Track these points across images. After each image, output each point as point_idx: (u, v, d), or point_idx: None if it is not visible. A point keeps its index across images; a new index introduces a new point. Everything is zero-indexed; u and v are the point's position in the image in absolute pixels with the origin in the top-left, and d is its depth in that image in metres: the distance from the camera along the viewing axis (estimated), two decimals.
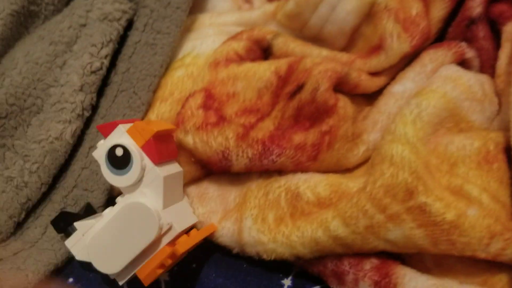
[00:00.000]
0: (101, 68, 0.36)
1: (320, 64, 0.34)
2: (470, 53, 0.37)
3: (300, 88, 0.34)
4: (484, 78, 0.35)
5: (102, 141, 0.31)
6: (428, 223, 0.27)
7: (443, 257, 0.29)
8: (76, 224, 0.31)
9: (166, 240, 0.30)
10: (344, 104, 0.34)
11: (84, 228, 0.31)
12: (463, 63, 0.37)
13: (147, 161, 0.30)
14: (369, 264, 0.29)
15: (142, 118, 0.36)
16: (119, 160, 0.30)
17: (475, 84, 0.34)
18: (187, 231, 0.32)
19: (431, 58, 0.37)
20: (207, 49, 0.38)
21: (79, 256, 0.31)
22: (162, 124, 0.32)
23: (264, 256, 0.31)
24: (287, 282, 0.32)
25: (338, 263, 0.29)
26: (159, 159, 0.30)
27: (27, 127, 0.36)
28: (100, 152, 0.31)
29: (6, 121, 0.35)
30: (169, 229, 0.30)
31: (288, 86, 0.35)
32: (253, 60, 0.37)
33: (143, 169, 0.30)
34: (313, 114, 0.33)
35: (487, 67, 0.37)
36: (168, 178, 0.31)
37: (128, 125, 0.31)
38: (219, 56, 0.36)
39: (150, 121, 0.33)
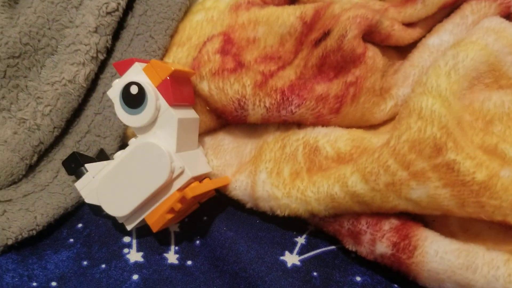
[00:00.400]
0: (117, 9, 0.34)
1: (350, 10, 0.31)
2: None
3: (326, 35, 0.32)
4: None
5: (117, 80, 0.29)
6: (456, 183, 0.25)
7: (470, 221, 0.27)
8: (87, 165, 0.30)
9: (177, 185, 0.29)
10: (373, 55, 0.32)
11: (95, 170, 0.30)
12: (509, 17, 0.34)
13: (162, 101, 0.28)
14: (388, 225, 0.26)
15: None
16: (134, 99, 0.28)
17: None
18: (200, 180, 0.31)
19: (473, 9, 0.34)
20: None
21: (89, 198, 0.30)
22: (180, 66, 0.30)
23: (278, 212, 0.30)
24: (300, 240, 0.30)
25: (355, 222, 0.27)
26: (175, 101, 0.29)
27: (41, 68, 0.35)
28: (114, 91, 0.29)
29: (20, 60, 0.34)
30: (181, 173, 0.28)
31: (313, 32, 0.32)
32: (277, 5, 0.35)
33: (157, 109, 0.28)
34: (339, 63, 0.31)
35: None
36: (183, 121, 0.29)
37: (143, 64, 0.29)
38: None
39: (167, 62, 0.31)
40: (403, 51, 0.35)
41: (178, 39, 0.35)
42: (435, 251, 0.25)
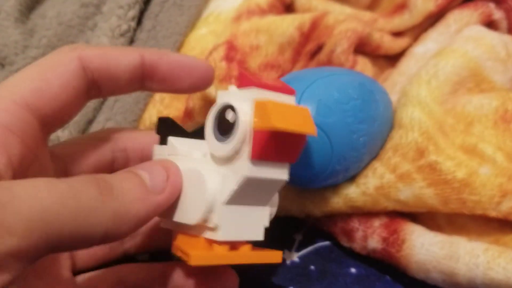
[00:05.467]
0: (129, 31, 0.36)
1: (343, 22, 0.33)
2: (497, 14, 0.35)
3: (320, 48, 0.33)
4: (508, 39, 0.33)
5: (233, 89, 0.23)
6: (439, 182, 0.26)
7: (455, 215, 0.28)
8: (170, 139, 0.25)
9: (207, 235, 0.23)
10: (363, 67, 0.33)
11: (172, 150, 0.25)
12: (490, 25, 0.35)
13: (247, 147, 0.21)
14: (378, 221, 0.28)
15: None
16: (224, 124, 0.22)
17: (499, 44, 0.32)
18: (239, 245, 0.23)
19: (455, 18, 0.35)
20: (230, 6, 0.37)
21: None
22: (297, 117, 0.21)
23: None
24: (298, 236, 0.31)
25: (347, 220, 0.29)
26: (259, 157, 0.21)
27: None
28: (217, 103, 0.23)
29: None
30: (213, 229, 0.22)
31: (309, 43, 0.33)
32: (276, 14, 0.36)
33: (236, 152, 0.22)
34: None
35: None
36: (252, 181, 0.21)
37: (263, 93, 0.22)
38: (241, 9, 0.35)
39: (284, 107, 0.21)
40: (392, 59, 0.36)
41: (182, 51, 0.37)
42: (421, 244, 0.26)
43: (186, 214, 0.23)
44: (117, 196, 0.19)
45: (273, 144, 0.21)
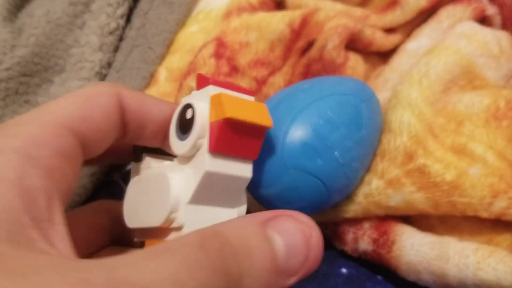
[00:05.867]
0: (118, 29, 0.36)
1: (333, 18, 0.32)
2: (491, 10, 0.34)
3: (311, 45, 0.33)
4: (502, 35, 0.32)
5: (195, 92, 0.23)
6: (428, 185, 0.25)
7: (448, 215, 0.28)
8: (145, 155, 0.26)
9: (172, 237, 0.23)
10: (354, 64, 0.32)
11: (146, 164, 0.25)
12: (484, 21, 0.35)
13: (206, 142, 0.21)
14: (368, 223, 0.27)
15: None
16: (185, 124, 0.22)
17: (492, 40, 0.31)
18: None
19: (448, 14, 0.34)
20: (221, 4, 0.37)
21: None
22: (253, 110, 0.21)
23: None
24: None
25: (339, 223, 0.28)
26: (217, 149, 0.21)
27: (50, 85, 0.36)
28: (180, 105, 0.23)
29: (31, 78, 0.36)
30: (178, 229, 0.22)
31: (300, 40, 0.33)
32: (266, 11, 0.36)
33: (195, 148, 0.22)
34: (320, 72, 0.32)
35: (509, 24, 0.35)
36: (214, 175, 0.21)
37: (220, 90, 0.22)
38: (231, 6, 0.35)
39: (239, 100, 0.21)
40: (385, 55, 0.36)
41: (172, 49, 0.36)
42: (411, 245, 0.26)
43: (152, 218, 0.22)
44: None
45: (230, 137, 0.21)
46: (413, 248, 0.26)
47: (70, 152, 0.20)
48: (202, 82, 0.23)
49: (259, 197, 0.25)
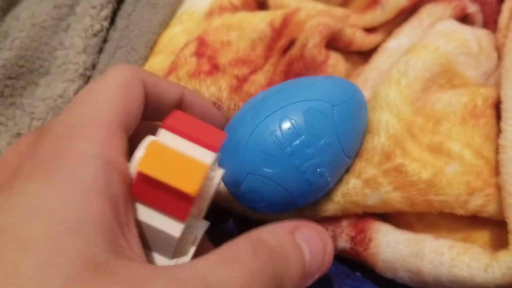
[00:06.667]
0: (101, 31, 0.36)
1: (314, 17, 0.32)
2: (472, 8, 0.34)
3: (292, 44, 0.33)
4: (481, 33, 0.32)
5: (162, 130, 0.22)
6: (405, 184, 0.26)
7: (425, 213, 0.28)
8: None
9: None
10: (335, 62, 0.32)
11: None
12: (465, 19, 0.35)
13: None
14: (346, 221, 0.28)
15: None
16: None
17: (471, 38, 0.31)
18: None
19: (429, 12, 0.34)
20: (204, 4, 0.37)
21: None
22: (181, 170, 0.20)
23: (251, 216, 0.30)
24: None
25: (318, 221, 0.28)
26: (138, 197, 0.20)
27: (35, 87, 0.36)
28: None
29: (16, 81, 0.36)
30: None
31: (281, 39, 0.33)
32: (248, 10, 0.36)
33: None
34: (302, 70, 0.32)
35: (491, 22, 0.34)
36: (144, 224, 0.21)
37: (170, 136, 0.22)
38: (213, 6, 0.35)
39: (171, 155, 0.21)
40: (366, 55, 0.35)
41: (155, 50, 0.36)
42: (387, 242, 0.26)
43: None
44: None
45: (147, 190, 0.20)
46: (390, 245, 0.26)
47: (126, 150, 0.20)
48: (172, 126, 0.22)
49: (232, 194, 0.26)
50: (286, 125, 0.24)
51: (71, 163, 0.18)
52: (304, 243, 0.21)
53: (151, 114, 0.24)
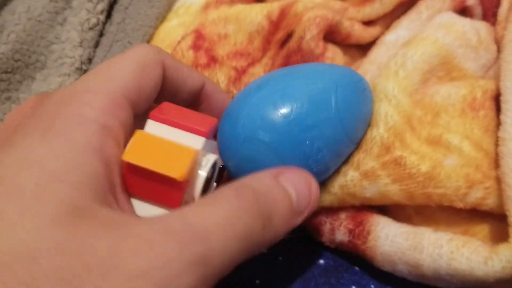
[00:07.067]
0: (98, 24, 0.35)
1: (311, 9, 0.32)
2: (471, 1, 0.34)
3: (290, 36, 0.32)
4: (480, 25, 0.32)
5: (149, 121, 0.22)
6: (403, 177, 0.25)
7: (424, 206, 0.27)
8: None
9: None
10: (333, 55, 0.32)
11: None
12: (464, 11, 0.34)
13: None
14: (344, 213, 0.27)
15: None
16: None
17: (470, 30, 0.31)
18: None
19: (427, 5, 0.34)
20: None
21: None
22: (167, 157, 0.20)
23: None
24: None
25: (315, 213, 0.28)
26: (129, 190, 0.21)
27: (31, 81, 0.36)
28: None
29: (12, 75, 0.35)
30: None
31: (279, 32, 0.33)
32: (245, 3, 0.35)
33: None
34: (299, 63, 0.31)
35: (490, 15, 0.34)
36: None
37: (157, 126, 0.22)
38: None
39: (156, 142, 0.20)
40: (365, 48, 0.35)
41: (152, 43, 0.36)
42: (386, 235, 0.25)
43: None
44: (274, 226, 0.20)
45: (141, 181, 0.20)
46: (388, 238, 0.25)
47: (129, 123, 0.21)
48: (159, 115, 0.22)
49: (227, 167, 0.25)
50: (287, 95, 0.24)
51: (68, 123, 0.18)
52: (288, 184, 0.21)
53: (170, 99, 0.24)
